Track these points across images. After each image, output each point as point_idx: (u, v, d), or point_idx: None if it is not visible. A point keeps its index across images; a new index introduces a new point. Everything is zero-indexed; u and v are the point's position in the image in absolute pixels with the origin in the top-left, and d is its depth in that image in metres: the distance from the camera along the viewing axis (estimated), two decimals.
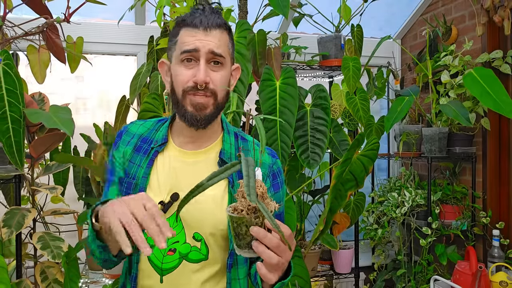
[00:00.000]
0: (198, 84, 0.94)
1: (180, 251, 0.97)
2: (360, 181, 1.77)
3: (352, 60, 2.05)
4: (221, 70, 0.97)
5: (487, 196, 2.22)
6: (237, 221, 0.76)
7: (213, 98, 0.96)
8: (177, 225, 0.98)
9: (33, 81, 1.80)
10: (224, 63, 0.98)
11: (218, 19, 0.97)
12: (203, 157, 1.02)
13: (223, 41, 0.98)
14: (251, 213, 0.76)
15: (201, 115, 0.96)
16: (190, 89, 0.95)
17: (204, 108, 0.96)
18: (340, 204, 1.76)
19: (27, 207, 1.56)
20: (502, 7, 2.02)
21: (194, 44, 0.94)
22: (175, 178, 1.00)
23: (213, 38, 0.95)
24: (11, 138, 1.42)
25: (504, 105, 1.73)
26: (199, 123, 0.96)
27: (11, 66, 1.41)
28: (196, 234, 0.98)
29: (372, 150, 1.78)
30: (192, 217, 0.97)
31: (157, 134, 1.05)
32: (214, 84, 0.96)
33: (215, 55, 0.95)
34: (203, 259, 0.98)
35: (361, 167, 1.76)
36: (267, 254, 0.77)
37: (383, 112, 2.91)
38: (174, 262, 0.97)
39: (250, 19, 2.02)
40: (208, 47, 0.94)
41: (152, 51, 2.08)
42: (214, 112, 0.97)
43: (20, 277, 1.58)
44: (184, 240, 0.98)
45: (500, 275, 1.88)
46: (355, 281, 2.41)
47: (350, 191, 1.78)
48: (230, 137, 1.06)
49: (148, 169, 1.00)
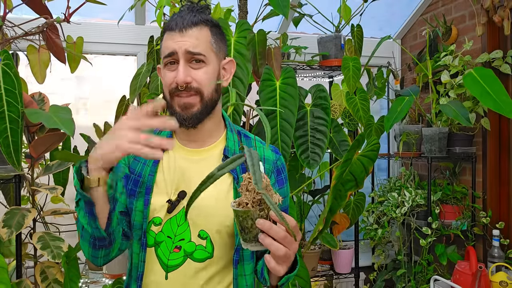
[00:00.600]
0: (178, 85, 0.95)
1: (185, 249, 0.98)
2: (360, 182, 1.77)
3: (352, 60, 2.05)
4: (204, 67, 0.97)
5: (487, 196, 2.22)
6: (242, 215, 0.76)
7: (198, 96, 0.96)
8: (183, 223, 0.98)
9: (33, 81, 1.80)
10: (206, 60, 0.97)
11: (194, 18, 0.97)
12: (207, 155, 1.03)
13: (202, 38, 0.97)
14: (256, 205, 0.77)
15: (188, 114, 0.96)
16: (174, 91, 0.96)
17: (191, 106, 0.96)
18: (340, 204, 1.76)
19: (27, 207, 1.56)
20: (502, 7, 2.02)
21: (172, 47, 0.96)
22: (181, 176, 1.00)
23: (189, 38, 0.95)
24: (9, 138, 1.41)
25: (504, 105, 1.73)
26: (187, 122, 0.97)
27: (11, 66, 1.41)
28: (202, 232, 0.98)
29: (373, 150, 1.78)
30: (198, 215, 0.98)
31: (161, 134, 1.06)
32: (198, 82, 0.96)
33: (193, 54, 0.95)
34: (209, 257, 0.99)
35: (361, 168, 1.76)
36: (275, 246, 0.77)
37: (383, 112, 2.91)
38: (179, 259, 0.98)
39: (250, 19, 2.02)
40: (184, 47, 0.95)
41: (152, 51, 2.09)
42: (202, 110, 0.97)
43: (20, 277, 1.58)
44: (189, 238, 0.98)
45: (500, 275, 1.88)
46: (355, 281, 2.41)
47: (350, 191, 1.78)
48: (234, 135, 1.07)
49: (154, 167, 1.02)
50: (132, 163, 1.04)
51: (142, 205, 0.99)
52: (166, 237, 0.98)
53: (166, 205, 0.99)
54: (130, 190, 1.01)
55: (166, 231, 0.99)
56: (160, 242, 0.99)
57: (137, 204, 1.00)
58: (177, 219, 0.99)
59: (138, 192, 1.00)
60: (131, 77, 2.01)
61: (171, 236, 0.98)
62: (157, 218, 0.99)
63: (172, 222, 0.99)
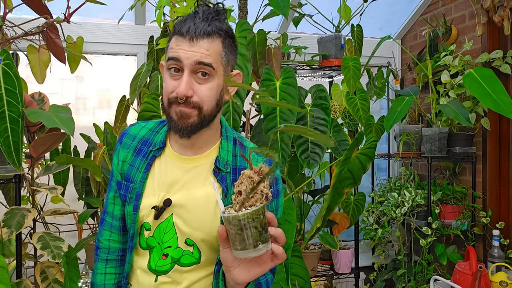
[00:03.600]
0: (178, 97, 0.91)
1: (172, 256, 0.98)
2: (358, 179, 1.79)
3: (352, 60, 2.05)
4: (208, 82, 0.92)
5: (487, 196, 2.22)
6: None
7: (197, 110, 0.92)
8: (170, 230, 0.98)
9: (33, 81, 1.80)
10: (212, 74, 0.92)
11: (208, 27, 0.91)
12: (198, 164, 1.00)
13: (213, 50, 0.91)
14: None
15: (183, 124, 0.93)
16: (173, 100, 0.93)
17: (187, 117, 0.92)
18: (337, 201, 1.77)
19: (27, 207, 1.56)
20: (502, 7, 2.02)
21: (177, 53, 0.91)
22: (169, 184, 0.99)
23: (198, 49, 0.90)
24: (9, 138, 1.42)
25: (504, 105, 1.73)
26: (181, 132, 0.94)
27: (11, 66, 1.42)
28: (188, 240, 0.98)
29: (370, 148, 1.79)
30: (185, 224, 0.97)
31: (156, 137, 1.04)
32: (199, 97, 0.91)
33: (202, 65, 0.90)
34: (195, 262, 0.99)
35: (359, 165, 1.77)
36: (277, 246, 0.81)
37: (383, 112, 2.91)
38: (166, 266, 0.98)
39: (250, 19, 2.02)
40: (193, 59, 0.89)
41: (152, 51, 2.09)
42: (198, 123, 0.94)
43: (20, 277, 1.58)
44: (176, 245, 0.98)
45: (500, 275, 1.88)
46: (355, 281, 2.41)
47: (347, 189, 1.79)
48: (228, 144, 1.03)
49: (145, 174, 1.00)
50: (128, 169, 1.02)
51: (132, 210, 0.99)
52: (157, 243, 0.99)
53: (153, 211, 0.98)
54: (123, 196, 1.01)
55: (156, 236, 0.99)
56: (152, 247, 0.99)
57: (128, 208, 1.00)
58: (163, 226, 0.98)
59: (129, 198, 1.00)
60: (131, 77, 2.01)
61: (160, 242, 0.98)
62: (147, 224, 0.99)
63: (160, 228, 0.98)
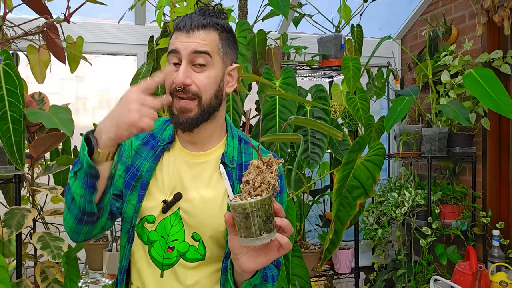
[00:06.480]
0: (176, 86, 0.93)
1: (178, 249, 0.99)
2: (368, 189, 1.74)
3: (352, 60, 2.05)
4: (206, 71, 0.95)
5: (487, 196, 2.22)
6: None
7: (196, 101, 0.95)
8: (177, 224, 0.99)
9: (33, 81, 1.80)
10: (210, 63, 0.95)
11: (203, 20, 0.96)
12: (205, 159, 1.03)
13: (209, 40, 0.95)
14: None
15: (184, 118, 0.95)
16: (174, 91, 0.95)
17: (187, 111, 0.95)
18: (349, 213, 1.73)
19: (27, 207, 1.56)
20: (502, 7, 2.02)
21: (175, 45, 0.95)
22: (179, 178, 1.01)
23: (195, 39, 0.94)
24: (12, 138, 1.42)
25: (504, 105, 1.73)
26: (182, 126, 0.96)
27: (12, 66, 1.42)
28: (195, 234, 0.99)
29: (377, 155, 1.75)
30: (192, 219, 0.99)
31: (164, 133, 1.06)
32: (197, 86, 0.94)
33: (199, 53, 0.94)
34: (200, 258, 0.99)
35: (366, 173, 1.73)
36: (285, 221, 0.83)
37: (383, 112, 2.91)
38: (172, 259, 0.99)
39: (250, 19, 2.02)
40: (190, 49, 0.94)
41: (152, 51, 2.08)
42: (198, 115, 0.96)
43: (20, 277, 1.58)
44: (183, 238, 0.99)
45: (500, 275, 1.88)
46: (355, 281, 2.41)
47: (360, 200, 1.74)
48: (234, 141, 1.06)
49: (153, 164, 1.01)
50: (134, 157, 1.03)
51: (136, 199, 1.00)
52: (160, 237, 0.99)
53: (161, 204, 0.99)
54: (127, 183, 1.01)
55: (159, 230, 0.99)
56: (153, 241, 1.00)
57: (131, 197, 1.00)
58: (171, 219, 0.99)
59: (133, 186, 1.00)
60: (131, 77, 2.01)
61: (164, 236, 0.99)
62: (151, 216, 1.00)
63: (166, 222, 0.99)
